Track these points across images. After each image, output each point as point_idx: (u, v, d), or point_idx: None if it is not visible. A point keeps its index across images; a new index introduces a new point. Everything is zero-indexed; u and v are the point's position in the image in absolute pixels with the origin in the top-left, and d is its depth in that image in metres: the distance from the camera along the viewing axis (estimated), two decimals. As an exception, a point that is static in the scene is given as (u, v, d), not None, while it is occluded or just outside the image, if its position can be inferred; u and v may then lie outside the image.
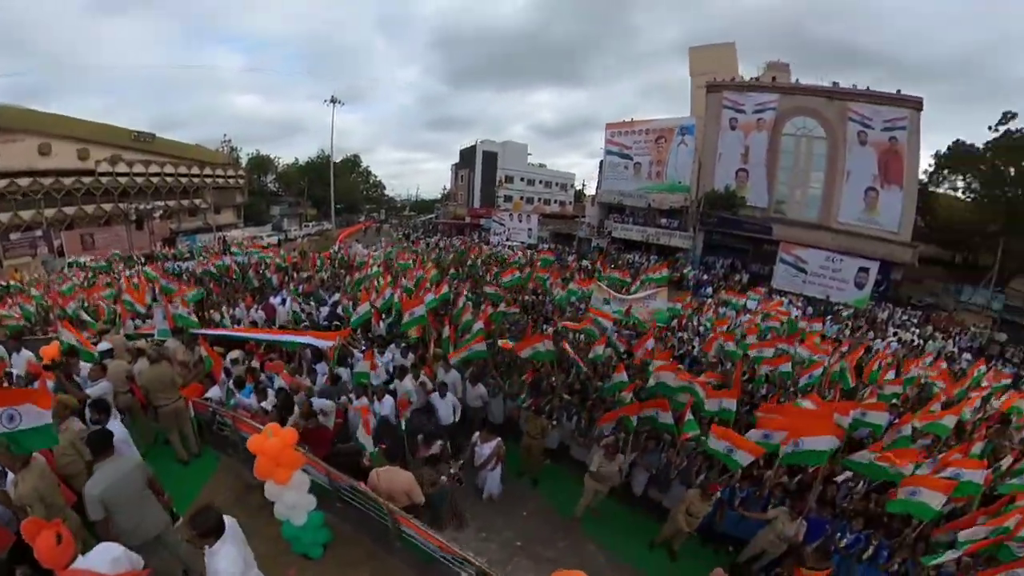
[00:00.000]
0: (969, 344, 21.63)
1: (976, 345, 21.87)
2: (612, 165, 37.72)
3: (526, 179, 51.69)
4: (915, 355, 16.84)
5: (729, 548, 6.58)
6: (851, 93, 29.09)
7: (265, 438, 4.72)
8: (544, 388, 8.79)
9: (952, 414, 9.03)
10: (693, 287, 25.62)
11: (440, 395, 7.66)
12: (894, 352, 17.33)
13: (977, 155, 29.14)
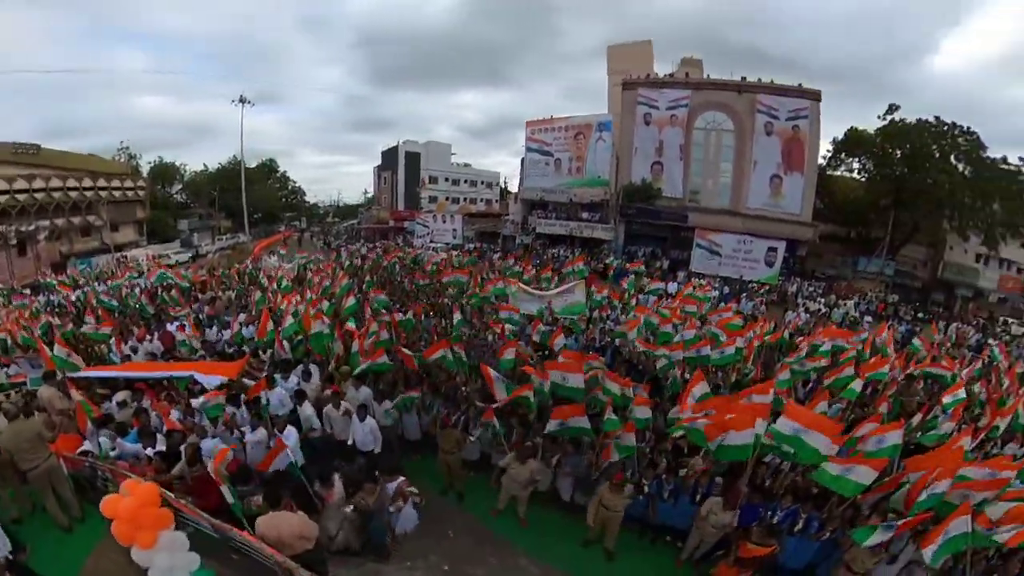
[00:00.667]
0: (867, 307, 23.32)
1: (874, 308, 23.54)
2: (533, 162, 37.33)
3: (450, 179, 50.45)
4: (823, 323, 17.56)
5: (667, 538, 6.52)
6: (758, 86, 30.45)
7: (119, 499, 4.02)
8: (458, 398, 8.23)
9: (860, 379, 9.20)
10: (613, 277, 25.49)
11: (359, 418, 6.93)
12: (805, 322, 18.37)
13: (869, 140, 31.21)
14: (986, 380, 12.38)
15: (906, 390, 11.40)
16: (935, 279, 30.92)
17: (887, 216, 29.61)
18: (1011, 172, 28.63)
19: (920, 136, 28.91)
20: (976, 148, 28.52)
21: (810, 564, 5.78)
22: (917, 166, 28.48)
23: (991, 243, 28.59)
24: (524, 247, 33.10)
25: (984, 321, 24.77)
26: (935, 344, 16.41)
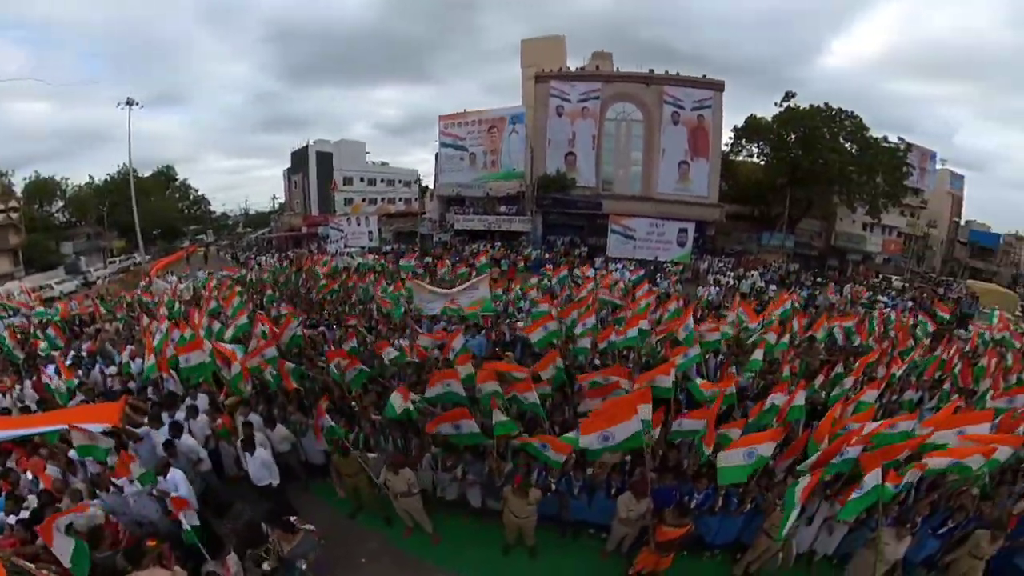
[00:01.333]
0: (771, 277, 24.74)
1: (777, 277, 25.04)
2: (448, 157, 36.13)
3: (366, 179, 48.00)
4: (732, 294, 18.07)
5: (590, 531, 6.35)
6: (665, 78, 31.36)
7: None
8: (356, 414, 7.45)
9: (759, 348, 9.43)
10: (532, 266, 25.07)
11: (247, 451, 6.22)
12: (715, 295, 19.09)
13: (766, 126, 32.74)
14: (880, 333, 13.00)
15: (808, 351, 11.66)
16: (829, 247, 34.04)
17: (785, 194, 31.56)
18: (891, 149, 31.47)
19: (812, 120, 30.73)
20: (860, 129, 30.79)
21: (738, 538, 5.94)
22: (810, 148, 30.20)
23: (875, 212, 31.16)
24: (443, 245, 31.88)
25: (875, 280, 27.09)
26: (834, 304, 17.46)
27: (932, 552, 5.89)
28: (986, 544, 5.48)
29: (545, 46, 38.42)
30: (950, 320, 17.21)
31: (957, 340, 14.10)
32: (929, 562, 5.94)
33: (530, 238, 30.68)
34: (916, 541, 5.60)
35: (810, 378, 8.76)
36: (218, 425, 6.92)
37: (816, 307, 18.63)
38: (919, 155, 37.36)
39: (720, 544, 6.01)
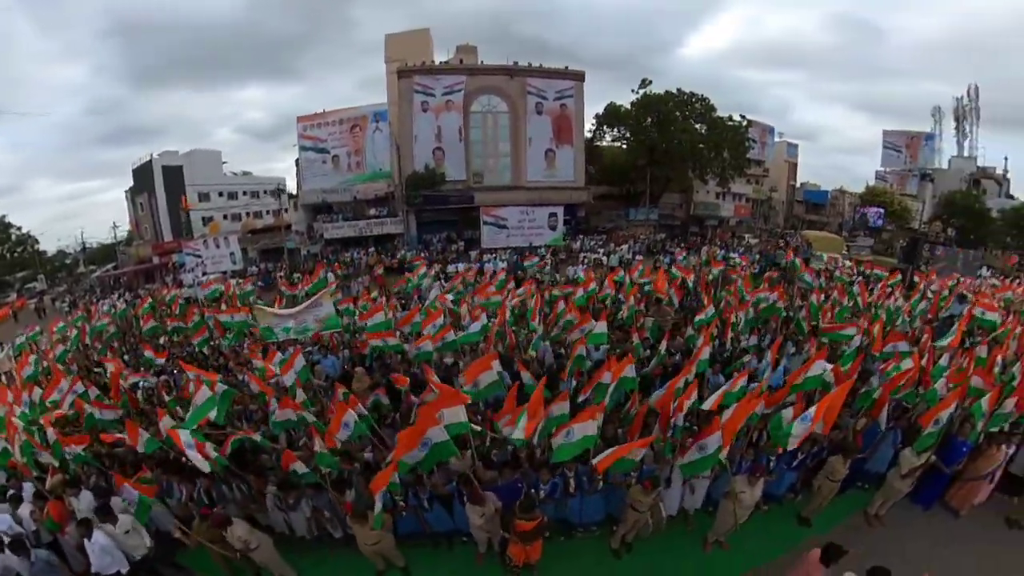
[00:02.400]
0: (639, 248, 26.41)
1: (645, 248, 26.70)
2: (309, 161, 33.05)
3: (225, 193, 42.74)
4: (598, 268, 19.07)
5: (463, 539, 6.11)
6: (528, 70, 31.14)
7: None
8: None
9: (602, 320, 9.60)
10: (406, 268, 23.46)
11: (84, 537, 5.16)
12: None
13: (625, 112, 33.80)
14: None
15: (657, 313, 11.61)
16: (690, 216, 36.63)
17: (646, 173, 33.04)
18: (735, 126, 34.11)
19: (666, 105, 32.36)
20: (709, 110, 32.99)
21: (608, 514, 6.14)
22: (665, 130, 31.78)
23: (724, 183, 33.61)
24: (313, 258, 28.98)
25: (727, 240, 30.10)
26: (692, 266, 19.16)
27: (792, 482, 6.55)
28: (840, 467, 5.88)
29: (410, 40, 36.49)
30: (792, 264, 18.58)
31: (799, 283, 15.18)
32: (793, 489, 6.67)
33: (404, 239, 28.93)
34: (775, 477, 6.12)
35: (658, 340, 9.31)
36: (43, 515, 5.74)
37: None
38: (760, 130, 41.07)
39: (591, 522, 6.14)
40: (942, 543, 5.97)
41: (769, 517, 6.45)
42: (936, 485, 6.50)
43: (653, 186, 33.64)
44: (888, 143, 45.58)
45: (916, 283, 17.70)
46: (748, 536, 5.99)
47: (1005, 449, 6.15)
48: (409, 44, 35.48)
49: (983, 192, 44.84)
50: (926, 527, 6.34)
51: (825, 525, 6.25)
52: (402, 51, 34.76)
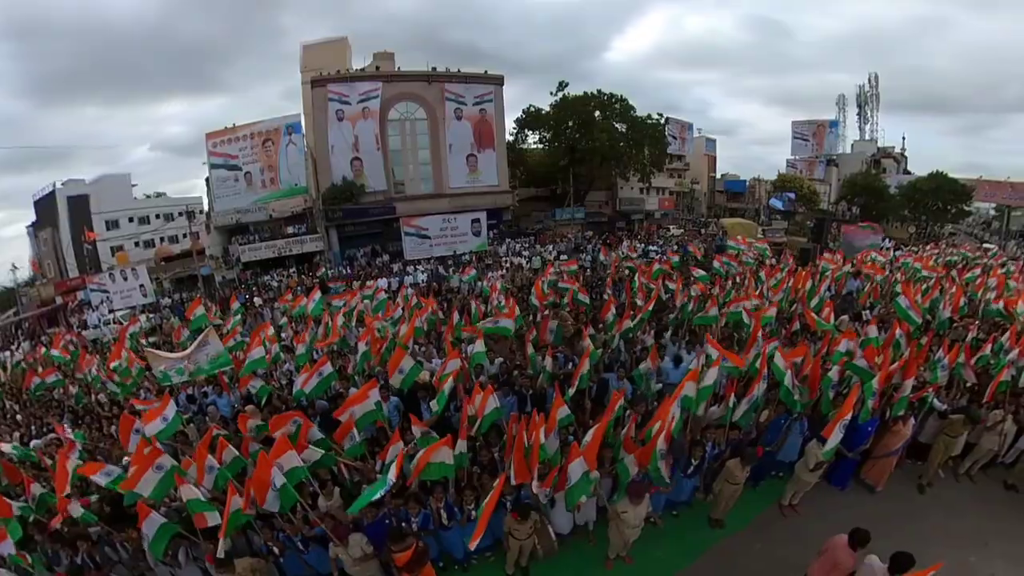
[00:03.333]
0: (565, 247, 26.10)
1: (572, 247, 26.30)
2: (221, 180, 30.65)
3: (136, 218, 39.38)
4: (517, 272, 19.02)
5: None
6: (445, 75, 30.20)
7: None
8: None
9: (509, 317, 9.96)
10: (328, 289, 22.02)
11: None
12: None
13: (544, 116, 33.64)
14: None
15: (556, 319, 11.23)
16: (616, 212, 37.11)
17: (568, 174, 32.88)
18: (654, 124, 34.56)
19: (585, 106, 32.35)
20: (628, 110, 33.22)
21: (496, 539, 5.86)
22: (585, 131, 31.78)
23: (645, 179, 33.86)
24: (230, 284, 26.84)
25: (654, 232, 30.92)
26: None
27: (695, 486, 6.44)
28: (738, 471, 5.74)
29: (327, 50, 34.70)
30: (704, 257, 18.75)
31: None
32: (700, 491, 6.58)
33: (326, 256, 27.30)
34: (672, 487, 5.93)
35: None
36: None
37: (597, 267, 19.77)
38: (679, 127, 42.12)
39: (480, 549, 5.64)
40: (866, 520, 5.74)
41: (681, 522, 6.41)
42: (848, 465, 6.65)
43: (577, 185, 33.66)
44: (797, 133, 47.96)
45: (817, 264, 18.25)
46: (659, 544, 5.92)
47: (912, 423, 6.54)
48: (326, 53, 33.83)
49: (883, 171, 47.94)
50: (844, 506, 6.42)
51: (740, 522, 6.26)
52: (319, 61, 33.03)
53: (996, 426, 6.66)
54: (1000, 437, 6.70)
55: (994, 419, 6.68)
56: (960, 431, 6.56)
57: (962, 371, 7.64)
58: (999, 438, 6.70)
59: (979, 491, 6.89)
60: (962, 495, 6.81)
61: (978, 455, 6.95)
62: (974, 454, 6.95)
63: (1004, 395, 6.96)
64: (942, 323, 10.63)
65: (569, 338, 10.47)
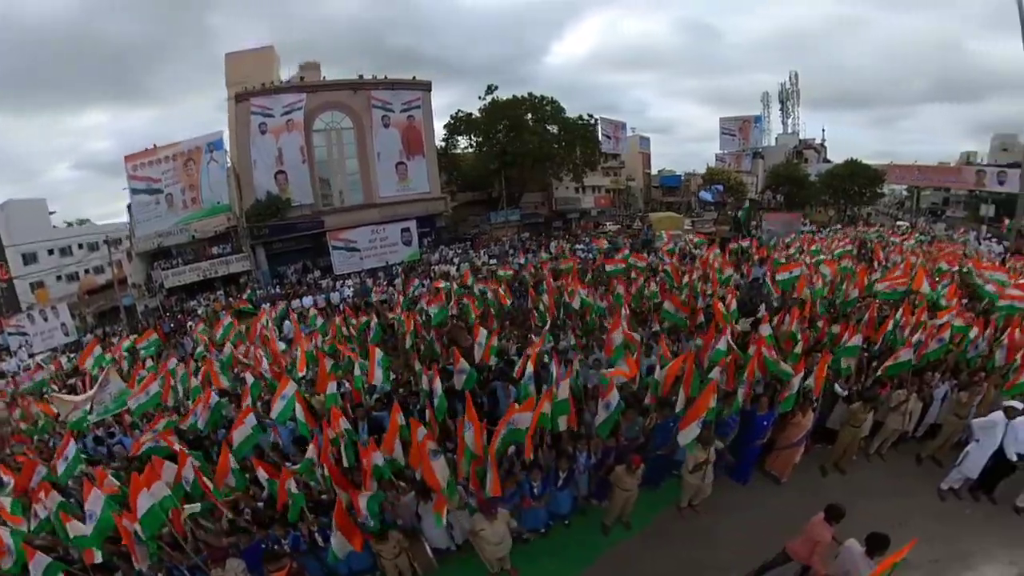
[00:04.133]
0: (500, 250, 26.19)
1: (507, 250, 26.32)
2: (142, 204, 28.92)
3: (58, 249, 36.75)
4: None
5: None
6: (371, 83, 29.37)
7: None
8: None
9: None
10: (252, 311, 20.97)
11: None
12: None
13: (474, 120, 33.27)
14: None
15: (453, 333, 11.04)
16: (552, 212, 36.93)
17: (500, 177, 32.72)
18: (585, 125, 34.75)
19: (514, 110, 32.17)
20: (559, 111, 33.25)
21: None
22: (515, 133, 31.57)
23: (578, 178, 34.07)
24: (153, 313, 25.21)
25: (588, 230, 31.67)
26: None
27: (573, 497, 6.29)
28: (625, 477, 5.65)
29: (253, 60, 33.08)
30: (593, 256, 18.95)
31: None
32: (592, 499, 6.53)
33: (254, 276, 26.09)
34: (546, 501, 5.83)
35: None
36: None
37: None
38: (613, 127, 42.76)
39: (360, 570, 5.65)
40: (773, 512, 6.02)
41: (573, 530, 6.27)
42: (747, 460, 6.64)
43: (511, 188, 33.50)
44: (724, 129, 49.75)
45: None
46: (553, 552, 5.84)
47: (812, 414, 6.43)
48: (252, 64, 32.22)
49: (805, 161, 50.23)
50: (749, 503, 6.34)
51: (640, 524, 6.21)
52: (244, 71, 31.44)
53: (900, 406, 6.66)
54: (904, 417, 6.73)
55: (898, 399, 6.70)
56: (862, 418, 6.54)
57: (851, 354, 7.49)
58: (903, 418, 6.72)
59: (891, 468, 6.89)
60: (875, 475, 6.80)
61: (885, 435, 7.00)
62: (881, 434, 6.99)
63: (908, 374, 6.97)
64: (845, 304, 10.73)
65: (468, 348, 10.03)
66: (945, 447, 6.89)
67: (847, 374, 7.27)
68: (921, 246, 21.09)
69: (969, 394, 6.67)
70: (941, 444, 6.92)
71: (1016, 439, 5.71)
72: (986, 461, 5.93)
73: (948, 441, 6.86)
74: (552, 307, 11.54)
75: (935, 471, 6.68)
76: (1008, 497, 6.03)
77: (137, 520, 5.00)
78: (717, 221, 32.98)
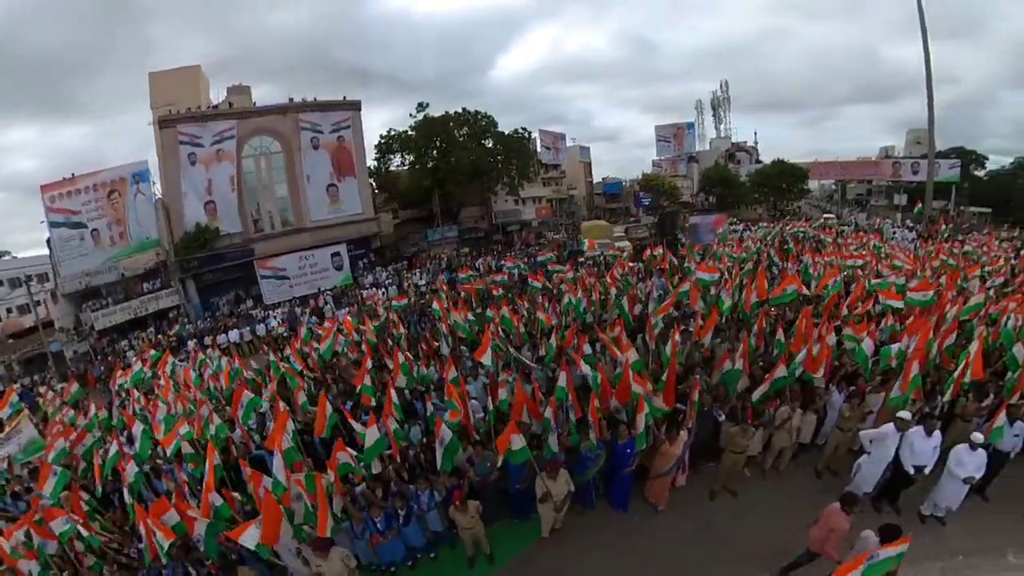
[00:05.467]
0: (438, 267, 25.98)
1: (444, 267, 26.08)
2: (64, 240, 27.24)
3: (-25, 287, 34.48)
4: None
5: None
6: (300, 105, 28.87)
7: None
8: None
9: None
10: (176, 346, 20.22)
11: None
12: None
13: (408, 138, 32.85)
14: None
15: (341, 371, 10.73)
16: (492, 225, 36.80)
17: (434, 194, 32.31)
18: (520, 138, 34.90)
19: (445, 126, 31.96)
20: (492, 125, 33.26)
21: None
22: (448, 150, 31.44)
23: (514, 191, 34.13)
24: (83, 357, 23.92)
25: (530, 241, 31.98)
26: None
27: (421, 531, 6.12)
28: (459, 515, 5.67)
29: (178, 80, 31.49)
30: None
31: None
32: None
33: (185, 310, 25.13)
34: (393, 535, 5.87)
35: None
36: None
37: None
38: (552, 138, 43.20)
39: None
40: (650, 541, 5.97)
41: (440, 562, 6.24)
42: (620, 487, 6.48)
43: (449, 204, 33.34)
44: (660, 136, 51.07)
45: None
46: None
47: (682, 440, 6.14)
48: (177, 84, 30.67)
49: (738, 162, 51.94)
50: (626, 527, 6.31)
51: (502, 557, 6.15)
52: (170, 93, 29.91)
53: (784, 424, 6.38)
54: (791, 434, 6.46)
55: (781, 417, 6.39)
56: (741, 443, 6.22)
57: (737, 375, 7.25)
58: (789, 435, 6.46)
59: (786, 484, 6.62)
60: (767, 493, 6.52)
61: (774, 454, 6.76)
62: (771, 452, 6.74)
63: (792, 388, 6.70)
64: (747, 315, 10.09)
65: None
66: (836, 458, 6.66)
67: (734, 393, 7.03)
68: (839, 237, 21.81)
69: (850, 406, 6.40)
70: (830, 455, 6.68)
71: (912, 451, 5.51)
72: (881, 473, 5.77)
73: (837, 452, 6.63)
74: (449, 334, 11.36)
75: (833, 484, 6.38)
76: (913, 504, 5.90)
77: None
78: (652, 226, 33.34)
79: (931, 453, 5.49)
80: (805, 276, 12.56)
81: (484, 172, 32.11)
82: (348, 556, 5.28)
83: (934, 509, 5.85)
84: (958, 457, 5.43)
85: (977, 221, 33.44)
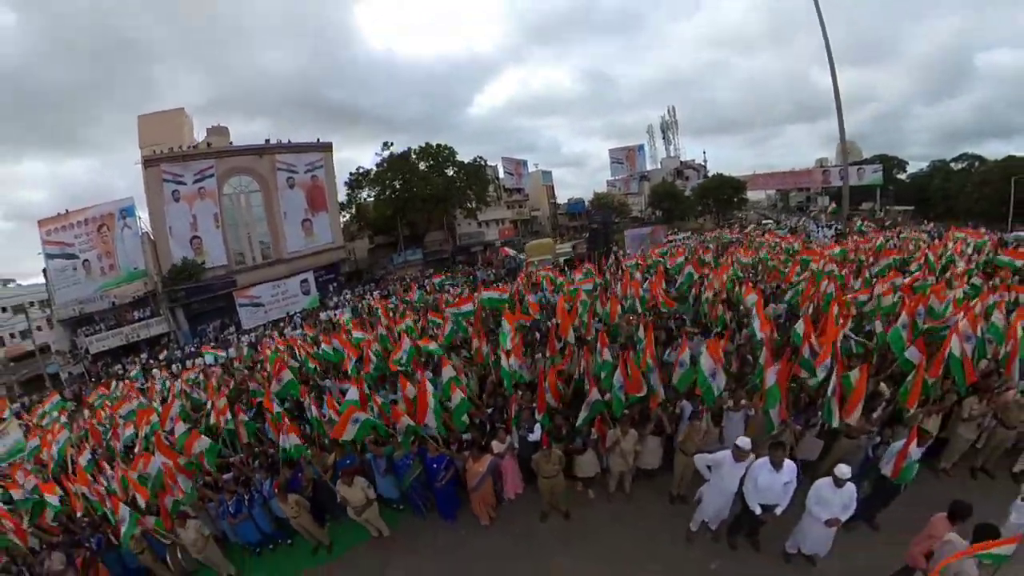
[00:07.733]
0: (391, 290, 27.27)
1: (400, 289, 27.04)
2: (59, 270, 29.04)
3: (-21, 312, 35.64)
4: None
5: None
6: (276, 147, 30.94)
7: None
8: None
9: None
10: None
11: None
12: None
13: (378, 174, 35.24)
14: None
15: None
16: (457, 247, 38.72)
17: (398, 222, 34.94)
18: (479, 166, 37.30)
19: (405, 161, 34.36)
20: (452, 156, 35.58)
21: None
22: (410, 180, 33.80)
23: (472, 216, 36.46)
24: (79, 379, 25.55)
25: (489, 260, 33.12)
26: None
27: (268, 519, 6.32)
28: (287, 506, 5.91)
29: (164, 121, 33.48)
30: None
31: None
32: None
33: (174, 336, 27.00)
34: (243, 518, 6.09)
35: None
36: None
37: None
38: (515, 164, 45.59)
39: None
40: (469, 553, 5.77)
41: (295, 547, 6.35)
42: (443, 499, 6.17)
43: (412, 229, 35.75)
44: (613, 158, 53.85)
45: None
46: (266, 565, 6.16)
47: (487, 459, 5.72)
48: (163, 126, 32.79)
49: (686, 179, 54.83)
50: (453, 541, 6.04)
51: (340, 549, 6.24)
52: (157, 134, 31.97)
53: (615, 447, 5.64)
54: (624, 459, 5.69)
55: (612, 439, 5.65)
56: (548, 468, 5.50)
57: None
58: (623, 460, 5.70)
59: (633, 509, 5.98)
60: (606, 516, 5.90)
61: (615, 477, 6.04)
62: (612, 476, 6.05)
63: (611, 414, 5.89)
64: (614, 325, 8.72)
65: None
66: (682, 483, 5.76)
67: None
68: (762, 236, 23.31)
69: (690, 427, 5.53)
70: (678, 480, 5.78)
71: (756, 486, 4.41)
72: (728, 503, 4.82)
73: (683, 477, 5.69)
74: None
75: (684, 510, 5.54)
76: (779, 536, 4.80)
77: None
78: (581, 243, 34.51)
79: (781, 490, 4.34)
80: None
81: (443, 199, 34.41)
82: (202, 526, 5.86)
83: (801, 548, 4.70)
84: (819, 494, 4.28)
85: (901, 218, 36.14)
